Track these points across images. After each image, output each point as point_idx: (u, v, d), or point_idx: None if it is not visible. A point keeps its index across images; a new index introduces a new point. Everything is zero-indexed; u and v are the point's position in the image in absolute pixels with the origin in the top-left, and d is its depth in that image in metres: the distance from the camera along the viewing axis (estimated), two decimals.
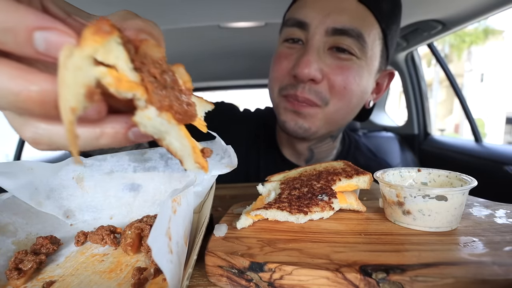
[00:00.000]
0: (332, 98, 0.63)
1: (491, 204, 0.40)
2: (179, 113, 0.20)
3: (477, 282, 0.23)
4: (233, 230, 0.35)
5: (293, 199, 0.38)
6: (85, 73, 0.16)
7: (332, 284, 0.25)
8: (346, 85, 0.62)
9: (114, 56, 0.17)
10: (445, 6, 1.10)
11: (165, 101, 0.19)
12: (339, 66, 0.62)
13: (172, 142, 0.20)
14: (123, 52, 0.17)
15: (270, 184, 0.44)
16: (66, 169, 0.42)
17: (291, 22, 0.64)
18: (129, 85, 0.17)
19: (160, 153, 0.45)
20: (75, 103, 0.15)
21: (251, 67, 2.02)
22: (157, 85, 0.19)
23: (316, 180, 0.41)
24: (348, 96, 0.64)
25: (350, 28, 0.59)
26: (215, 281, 0.31)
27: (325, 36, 0.60)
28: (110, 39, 0.16)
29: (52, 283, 0.30)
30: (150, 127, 0.19)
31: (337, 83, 0.62)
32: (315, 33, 0.61)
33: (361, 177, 0.39)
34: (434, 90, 12.35)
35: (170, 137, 0.20)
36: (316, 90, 0.62)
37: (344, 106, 0.65)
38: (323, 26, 0.60)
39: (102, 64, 0.16)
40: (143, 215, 0.42)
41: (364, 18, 0.61)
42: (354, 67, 0.62)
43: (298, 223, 0.36)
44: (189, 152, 0.21)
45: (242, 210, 0.38)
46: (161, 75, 0.19)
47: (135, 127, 0.19)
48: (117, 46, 0.17)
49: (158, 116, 0.18)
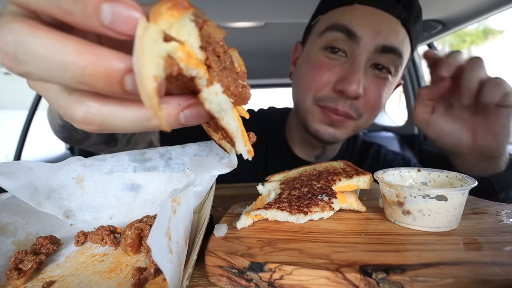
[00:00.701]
0: (365, 112, 0.67)
1: (492, 204, 0.40)
2: (235, 95, 0.20)
3: (477, 282, 0.23)
4: (233, 230, 0.35)
5: (293, 199, 0.38)
6: (160, 47, 0.16)
7: (332, 284, 0.25)
8: (379, 102, 0.67)
9: (187, 32, 0.17)
10: (445, 6, 1.10)
11: (225, 82, 0.19)
12: (377, 83, 0.65)
13: (229, 122, 0.20)
14: (195, 29, 0.17)
15: (270, 184, 0.44)
16: (66, 169, 0.42)
17: (339, 27, 0.63)
18: (197, 61, 0.17)
19: (160, 153, 0.45)
20: (156, 71, 0.16)
21: (251, 67, 2.01)
22: (220, 65, 0.19)
23: (316, 180, 0.41)
24: (378, 110, 0.69)
25: (397, 47, 0.62)
26: (215, 281, 0.31)
27: (373, 53, 0.62)
28: (186, 15, 0.16)
29: (52, 283, 0.30)
30: (214, 104, 0.19)
31: (373, 100, 0.65)
32: (365, 49, 0.61)
33: (361, 177, 0.39)
34: None
35: (228, 117, 0.20)
36: (355, 106, 0.65)
37: (372, 118, 0.70)
38: (374, 43, 0.61)
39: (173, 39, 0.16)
40: (143, 215, 0.42)
41: (404, 39, 0.63)
42: (387, 84, 0.66)
43: (298, 223, 0.36)
44: (241, 134, 0.21)
45: (242, 210, 0.38)
46: (224, 55, 0.19)
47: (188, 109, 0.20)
48: (190, 22, 0.17)
49: (223, 93, 0.19)
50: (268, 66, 1.97)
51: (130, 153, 0.45)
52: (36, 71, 0.17)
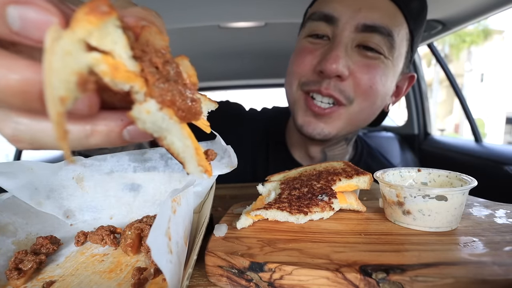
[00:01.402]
0: (357, 97, 0.61)
1: (491, 204, 0.40)
2: (182, 110, 0.17)
3: (477, 282, 0.23)
4: (233, 230, 0.35)
5: (293, 199, 0.38)
6: (76, 59, 0.13)
7: (332, 284, 0.25)
8: (372, 85, 0.60)
9: (111, 41, 0.14)
10: (445, 6, 1.10)
11: (167, 96, 0.16)
12: (366, 64, 0.60)
13: (174, 142, 0.18)
14: (121, 36, 0.15)
15: (270, 184, 0.44)
16: (66, 169, 0.42)
17: (317, 16, 0.61)
18: (127, 75, 0.15)
19: (160, 153, 0.45)
20: (65, 92, 0.13)
21: (251, 67, 2.02)
22: (159, 77, 0.16)
23: (316, 180, 0.41)
24: (373, 96, 0.62)
25: (381, 26, 0.57)
26: (215, 281, 0.31)
27: (354, 33, 0.58)
28: (107, 21, 0.14)
29: (52, 283, 0.30)
30: (149, 123, 0.16)
31: (363, 82, 0.60)
32: (344, 29, 0.58)
33: (361, 177, 0.39)
34: (434, 90, 12.35)
35: (172, 136, 0.17)
36: (341, 88, 0.60)
37: (368, 106, 0.63)
38: (353, 22, 0.58)
39: (96, 49, 0.14)
40: (143, 215, 0.42)
41: (395, 17, 0.59)
42: (381, 67, 0.60)
43: (298, 223, 0.36)
44: (192, 153, 0.18)
45: (242, 210, 0.38)
46: (163, 66, 0.17)
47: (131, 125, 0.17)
48: (115, 29, 0.15)
49: (159, 110, 0.16)
50: (268, 66, 1.97)
51: (130, 153, 0.45)
52: None
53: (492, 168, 1.21)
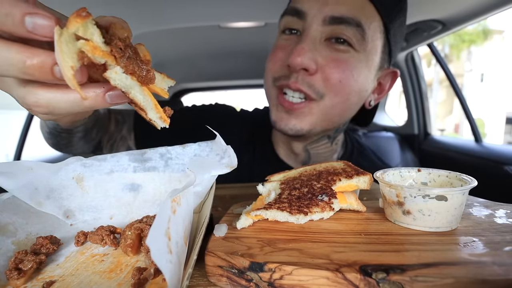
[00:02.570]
0: (327, 92, 0.60)
1: (491, 204, 0.40)
2: (141, 77, 0.26)
3: (477, 282, 0.23)
4: (233, 230, 0.35)
5: (293, 199, 0.38)
6: (73, 44, 0.23)
7: (332, 284, 0.25)
8: (342, 79, 0.59)
9: (90, 33, 0.23)
10: (445, 6, 1.10)
11: (129, 66, 0.25)
12: (335, 58, 0.59)
13: (136, 95, 0.27)
14: (96, 29, 0.24)
15: (270, 184, 0.44)
16: (66, 169, 0.42)
17: (288, 11, 0.63)
18: (102, 53, 0.24)
19: (160, 153, 0.45)
20: (72, 63, 0.23)
21: (251, 67, 2.02)
22: (123, 55, 0.25)
23: (316, 180, 0.41)
24: (344, 91, 0.61)
25: (349, 17, 0.57)
26: (215, 281, 0.31)
27: (323, 26, 0.58)
28: (87, 21, 0.23)
29: (52, 283, 0.30)
30: (118, 81, 0.25)
31: (333, 76, 0.59)
32: (312, 22, 0.59)
33: (361, 177, 0.39)
34: (434, 90, 12.35)
35: (135, 91, 0.26)
36: (309, 82, 0.59)
37: (341, 102, 0.62)
38: (321, 15, 0.58)
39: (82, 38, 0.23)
40: (143, 215, 0.42)
41: (364, 8, 0.58)
42: (351, 61, 0.59)
43: (298, 223, 0.36)
44: (151, 105, 0.28)
45: (242, 210, 0.38)
46: (125, 48, 0.25)
47: (111, 91, 0.27)
48: (92, 25, 0.23)
49: (123, 72, 0.25)
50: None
51: (130, 153, 0.45)
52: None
53: (492, 168, 1.21)
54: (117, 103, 0.28)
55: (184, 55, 1.75)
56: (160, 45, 1.56)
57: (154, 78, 0.28)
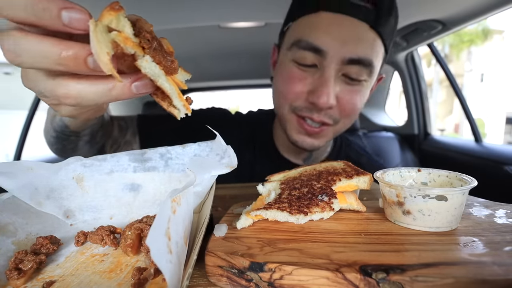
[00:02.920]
0: (342, 118, 0.70)
1: (491, 204, 0.40)
2: (166, 67, 0.28)
3: (477, 282, 0.23)
4: (233, 230, 0.35)
5: (293, 199, 0.38)
6: (107, 34, 0.24)
7: (332, 284, 0.25)
8: (354, 107, 0.69)
9: (122, 25, 0.25)
10: (445, 6, 1.10)
11: (156, 56, 0.27)
12: (349, 91, 0.67)
13: (163, 83, 0.28)
14: (127, 22, 0.25)
15: (270, 184, 0.44)
16: (66, 169, 0.42)
17: (304, 46, 0.64)
18: (132, 43, 0.25)
19: (160, 153, 0.45)
20: (108, 49, 0.24)
21: (251, 67, 2.02)
22: (150, 46, 0.27)
23: (316, 180, 0.41)
24: (355, 115, 0.72)
25: (364, 58, 0.63)
26: (215, 281, 0.31)
27: (340, 65, 0.63)
28: (119, 13, 0.25)
29: (52, 283, 0.30)
30: (148, 69, 0.27)
31: (348, 107, 0.68)
32: (331, 62, 0.63)
33: (361, 177, 0.39)
34: (434, 90, 12.34)
35: (162, 80, 0.28)
36: (330, 114, 0.68)
37: (350, 121, 0.74)
38: (340, 56, 0.62)
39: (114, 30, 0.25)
40: (143, 215, 0.42)
41: (375, 45, 0.64)
42: (362, 90, 0.68)
43: (298, 223, 0.36)
44: (175, 93, 0.29)
45: (242, 210, 0.38)
46: (152, 39, 0.27)
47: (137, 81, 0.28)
48: (123, 18, 0.25)
49: (152, 61, 0.27)
50: (267, 66, 1.97)
51: (130, 153, 0.45)
52: (27, 60, 0.25)
53: (492, 168, 1.21)
54: (142, 93, 0.30)
55: (184, 55, 1.75)
56: None
57: (177, 69, 0.30)
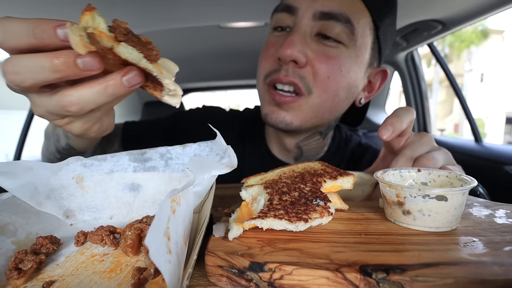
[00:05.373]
0: (316, 87, 0.61)
1: (491, 204, 0.40)
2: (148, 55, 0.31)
3: (477, 282, 0.23)
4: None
5: (287, 205, 0.35)
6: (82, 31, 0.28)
7: (332, 284, 0.25)
8: (330, 75, 0.60)
9: (97, 22, 0.28)
10: (445, 6, 1.10)
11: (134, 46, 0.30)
12: (324, 53, 0.59)
13: (146, 65, 0.30)
14: (102, 19, 0.29)
15: (252, 189, 0.41)
16: (66, 169, 0.42)
17: (280, 8, 0.64)
18: (107, 36, 0.28)
19: (160, 153, 0.45)
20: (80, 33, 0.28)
21: (251, 67, 2.01)
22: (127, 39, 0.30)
23: (302, 183, 0.40)
24: (333, 87, 0.61)
25: (338, 12, 0.58)
26: (215, 281, 0.31)
27: (313, 21, 0.59)
28: (93, 12, 0.28)
29: (52, 283, 0.30)
30: (126, 53, 0.29)
31: (321, 71, 0.59)
32: (302, 17, 0.60)
33: (345, 178, 0.39)
34: (434, 90, 12.35)
35: (143, 62, 0.30)
36: (300, 74, 0.60)
37: (329, 98, 0.62)
38: (311, 10, 0.59)
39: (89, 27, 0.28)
40: (143, 215, 0.42)
41: (353, 4, 0.59)
42: (341, 57, 0.60)
43: (296, 231, 0.33)
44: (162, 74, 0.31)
45: (230, 219, 0.36)
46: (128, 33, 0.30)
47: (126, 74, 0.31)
48: (98, 16, 0.28)
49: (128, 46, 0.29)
50: None
51: (130, 153, 0.45)
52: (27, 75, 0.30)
53: (492, 168, 1.21)
54: (134, 85, 0.32)
55: (184, 55, 1.75)
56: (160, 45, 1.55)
57: (159, 54, 0.32)
